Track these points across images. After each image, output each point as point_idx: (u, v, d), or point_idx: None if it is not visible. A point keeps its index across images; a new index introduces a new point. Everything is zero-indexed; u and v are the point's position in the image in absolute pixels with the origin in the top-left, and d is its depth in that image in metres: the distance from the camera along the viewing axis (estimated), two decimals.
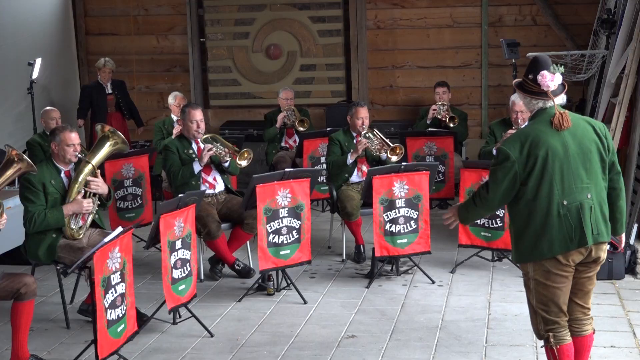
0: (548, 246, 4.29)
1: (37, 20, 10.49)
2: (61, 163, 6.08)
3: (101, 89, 10.35)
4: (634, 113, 7.48)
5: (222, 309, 6.46)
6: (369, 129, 7.69)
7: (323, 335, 5.90)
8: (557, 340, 4.42)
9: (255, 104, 11.23)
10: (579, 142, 4.34)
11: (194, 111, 7.18)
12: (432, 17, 10.73)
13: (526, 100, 4.44)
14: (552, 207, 4.28)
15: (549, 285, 4.36)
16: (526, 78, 4.40)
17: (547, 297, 4.38)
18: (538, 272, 4.37)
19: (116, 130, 6.23)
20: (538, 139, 4.29)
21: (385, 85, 10.98)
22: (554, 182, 4.28)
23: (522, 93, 4.43)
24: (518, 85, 4.47)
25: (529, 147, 4.29)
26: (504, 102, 10.36)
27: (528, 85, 4.39)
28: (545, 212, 4.29)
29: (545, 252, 4.30)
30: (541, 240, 4.30)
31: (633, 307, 6.21)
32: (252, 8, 11.03)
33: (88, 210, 6.06)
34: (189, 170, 7.09)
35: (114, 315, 5.14)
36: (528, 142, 4.30)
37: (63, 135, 6.03)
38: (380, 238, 6.85)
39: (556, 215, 4.28)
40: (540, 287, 4.38)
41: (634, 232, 7.02)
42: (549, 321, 4.42)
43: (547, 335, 4.44)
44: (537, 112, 4.41)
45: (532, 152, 4.28)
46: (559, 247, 4.29)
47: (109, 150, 6.21)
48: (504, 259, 7.32)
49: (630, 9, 8.05)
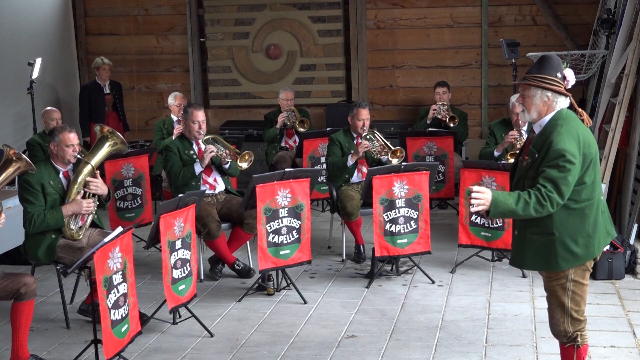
0: (597, 244, 4.32)
1: (37, 20, 10.49)
2: (60, 163, 6.08)
3: (99, 88, 10.35)
4: (634, 113, 7.48)
5: (222, 309, 6.46)
6: (369, 130, 7.69)
7: (323, 335, 5.90)
8: (583, 340, 4.46)
9: (255, 104, 11.23)
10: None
11: (196, 112, 7.18)
12: (432, 17, 10.73)
13: (555, 100, 4.28)
14: (599, 205, 4.32)
15: (584, 284, 4.40)
16: (552, 77, 4.28)
17: (581, 297, 4.40)
18: (578, 273, 4.36)
19: (115, 131, 6.23)
20: (588, 138, 4.27)
21: (385, 85, 10.98)
22: (597, 180, 4.31)
23: (552, 91, 4.27)
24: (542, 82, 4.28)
25: (583, 146, 4.23)
26: (504, 102, 10.36)
27: (557, 84, 4.29)
28: (595, 211, 4.30)
29: (595, 250, 4.32)
30: (593, 239, 4.30)
31: (633, 307, 6.21)
32: (252, 8, 11.03)
33: (88, 211, 6.05)
34: (189, 171, 7.08)
35: (117, 316, 5.14)
36: (582, 141, 4.22)
37: (62, 135, 6.02)
38: (380, 238, 6.85)
39: (601, 212, 4.33)
40: (578, 287, 4.38)
41: (634, 232, 7.02)
42: (578, 321, 4.44)
43: (575, 334, 4.44)
44: (560, 112, 4.30)
45: (586, 151, 4.24)
46: (603, 243, 4.33)
47: (108, 151, 6.20)
48: (503, 259, 7.32)
49: (630, 9, 8.05)
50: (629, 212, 7.21)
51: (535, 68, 4.35)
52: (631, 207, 7.20)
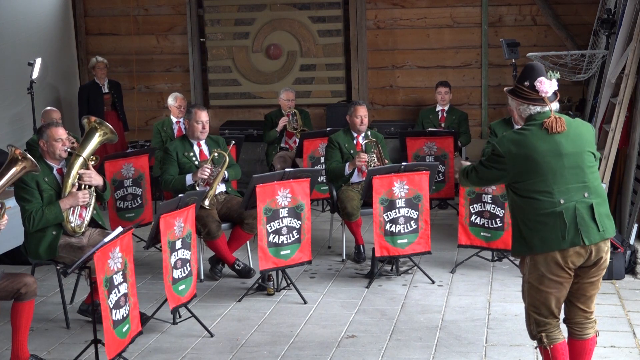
0: (540, 243, 4.34)
1: (37, 20, 10.50)
2: (52, 160, 6.07)
3: (97, 88, 10.35)
4: (634, 113, 7.48)
5: (222, 309, 6.46)
6: (371, 139, 7.69)
7: (323, 335, 5.90)
8: (550, 340, 4.47)
9: (255, 104, 11.24)
10: (573, 142, 4.39)
11: (200, 112, 7.20)
12: (432, 17, 10.73)
13: (522, 107, 4.48)
14: (547, 205, 4.32)
15: (542, 289, 4.40)
16: (521, 85, 4.46)
17: (539, 301, 4.44)
18: (533, 276, 4.41)
19: (103, 121, 6.19)
20: (527, 141, 4.36)
21: (385, 85, 10.98)
22: (549, 182, 4.33)
23: (517, 100, 4.48)
24: (511, 92, 4.53)
25: (517, 147, 4.36)
26: (504, 102, 10.36)
27: (524, 92, 4.44)
28: (540, 210, 4.33)
29: (537, 248, 4.35)
30: (535, 236, 4.35)
31: (633, 307, 6.21)
32: (252, 8, 11.04)
33: (85, 202, 6.05)
34: (180, 182, 7.08)
35: (118, 316, 5.14)
36: (517, 142, 4.38)
37: (50, 131, 6.02)
38: (380, 238, 6.85)
39: (552, 213, 4.32)
40: (533, 290, 4.44)
41: (634, 232, 7.02)
42: (541, 322, 4.48)
43: (540, 335, 4.49)
44: (531, 116, 4.46)
45: (521, 152, 4.35)
46: (550, 244, 4.32)
47: (99, 141, 6.17)
48: (504, 259, 7.32)
49: (630, 9, 8.05)
50: (629, 212, 7.21)
51: (517, 76, 4.61)
52: (631, 207, 7.20)
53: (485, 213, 6.99)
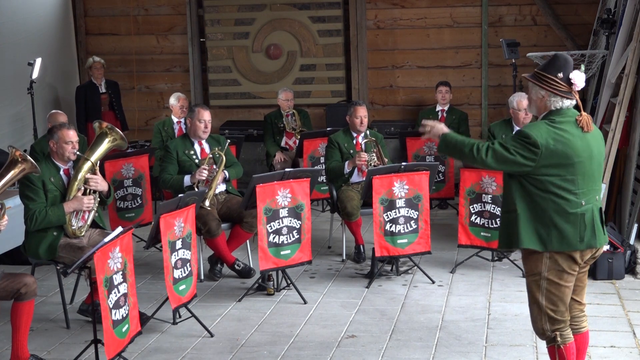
0: (558, 240, 4.31)
1: (37, 20, 10.49)
2: (60, 161, 6.09)
3: (95, 88, 10.34)
4: (634, 113, 7.48)
5: (222, 309, 6.46)
6: (370, 138, 7.69)
7: (323, 335, 5.90)
8: (563, 340, 4.44)
9: (255, 104, 11.23)
10: (598, 145, 4.39)
11: (203, 111, 7.23)
12: (432, 17, 10.73)
13: (553, 99, 4.33)
14: (572, 206, 4.29)
15: (562, 284, 4.38)
16: (553, 76, 4.32)
17: (558, 297, 4.40)
18: (552, 272, 4.37)
19: (114, 127, 6.22)
20: (566, 137, 4.27)
21: (385, 85, 10.98)
22: (577, 182, 4.30)
23: (547, 90, 4.33)
24: (539, 80, 4.36)
25: (556, 142, 4.26)
26: (504, 102, 10.36)
27: (556, 84, 4.32)
28: (564, 209, 4.29)
29: (554, 245, 4.31)
30: (552, 233, 4.31)
31: (633, 307, 6.21)
32: (252, 8, 11.03)
33: (89, 208, 6.06)
34: (178, 182, 7.09)
35: (118, 316, 5.15)
36: (556, 137, 4.27)
37: (61, 132, 6.03)
38: (380, 238, 6.85)
39: (574, 214, 4.30)
40: (552, 286, 4.38)
41: (634, 232, 7.02)
42: (557, 321, 4.43)
43: (554, 334, 4.45)
44: (555, 111, 4.35)
45: (558, 147, 4.26)
46: (568, 244, 4.31)
47: (108, 147, 6.19)
48: (504, 259, 7.32)
49: (630, 9, 8.05)
50: (629, 212, 7.21)
51: (543, 65, 4.43)
52: (631, 207, 7.20)
53: (485, 213, 7.00)
